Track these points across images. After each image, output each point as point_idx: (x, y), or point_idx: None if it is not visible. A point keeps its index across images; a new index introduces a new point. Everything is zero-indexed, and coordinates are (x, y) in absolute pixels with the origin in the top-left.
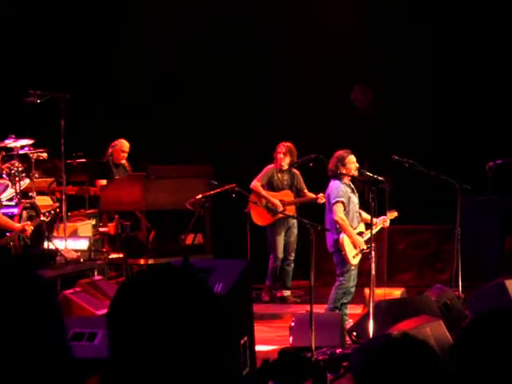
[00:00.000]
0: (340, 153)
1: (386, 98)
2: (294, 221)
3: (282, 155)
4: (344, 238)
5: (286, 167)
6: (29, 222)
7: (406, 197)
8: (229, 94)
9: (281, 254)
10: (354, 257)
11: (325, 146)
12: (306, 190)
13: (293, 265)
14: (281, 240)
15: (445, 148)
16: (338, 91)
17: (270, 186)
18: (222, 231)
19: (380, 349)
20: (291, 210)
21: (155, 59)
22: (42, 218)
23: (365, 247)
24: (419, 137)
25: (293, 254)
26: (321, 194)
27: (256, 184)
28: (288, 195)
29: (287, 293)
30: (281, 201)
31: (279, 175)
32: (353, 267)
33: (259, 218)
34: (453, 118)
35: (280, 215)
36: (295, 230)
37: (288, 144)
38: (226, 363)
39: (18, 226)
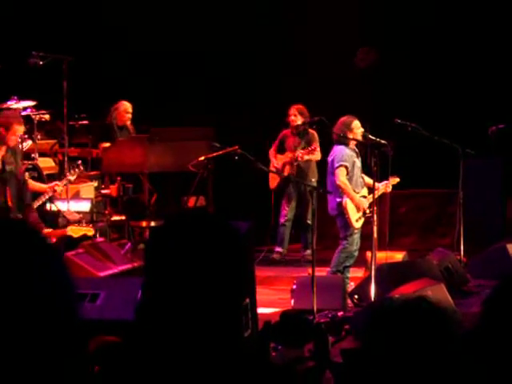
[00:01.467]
0: (345, 118)
1: (390, 61)
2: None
3: (293, 117)
4: (347, 201)
5: (299, 125)
6: (58, 182)
7: (408, 160)
8: (230, 59)
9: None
10: (356, 220)
11: (327, 109)
12: (315, 147)
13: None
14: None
15: (448, 112)
16: (340, 55)
17: (283, 149)
18: (224, 194)
19: (400, 312)
20: (288, 170)
21: (158, 21)
22: (69, 177)
23: (367, 207)
24: (423, 101)
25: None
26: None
27: (270, 151)
28: (288, 157)
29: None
30: (283, 163)
31: (292, 138)
32: (356, 231)
33: (271, 180)
34: (456, 82)
35: (285, 173)
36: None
37: (298, 106)
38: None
39: (46, 187)
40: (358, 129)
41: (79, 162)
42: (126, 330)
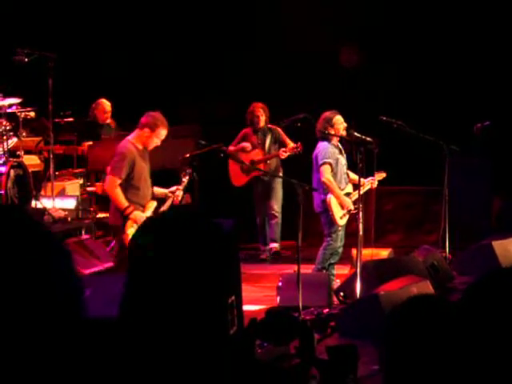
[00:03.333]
0: (327, 114)
1: (374, 59)
2: (276, 180)
3: (261, 116)
4: (331, 198)
5: (262, 125)
6: (179, 186)
7: (394, 158)
8: (215, 56)
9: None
10: (341, 217)
11: (312, 106)
12: (291, 145)
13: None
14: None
15: (434, 109)
16: (325, 52)
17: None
18: (209, 191)
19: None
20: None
21: (142, 17)
22: (184, 181)
23: (352, 208)
24: (408, 98)
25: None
26: (281, 149)
27: (229, 149)
28: (258, 154)
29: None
30: (251, 160)
31: (255, 136)
32: (340, 227)
33: (234, 178)
34: (442, 79)
35: (254, 174)
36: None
37: (261, 104)
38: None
39: (167, 192)
40: (339, 124)
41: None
42: (112, 328)
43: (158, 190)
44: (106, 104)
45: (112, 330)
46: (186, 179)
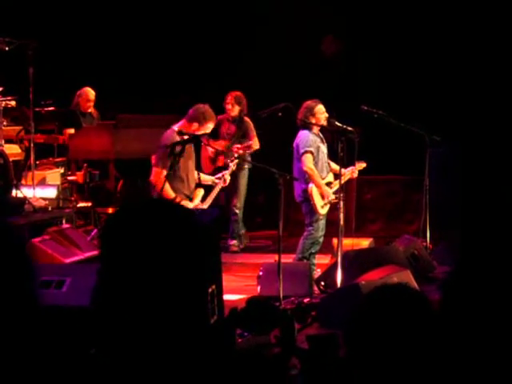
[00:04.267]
0: (309, 103)
1: (356, 48)
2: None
3: (230, 106)
4: (312, 187)
5: (234, 114)
6: (225, 172)
7: (374, 147)
8: (197, 45)
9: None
10: (322, 207)
11: (294, 96)
12: (252, 141)
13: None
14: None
15: (415, 98)
16: (306, 41)
17: (218, 136)
18: None
19: (376, 299)
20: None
21: (125, 5)
22: (231, 165)
23: (333, 197)
24: (390, 87)
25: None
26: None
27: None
28: (220, 145)
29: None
30: (217, 150)
31: (227, 125)
32: (321, 217)
33: (204, 165)
34: (423, 68)
35: (219, 164)
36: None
37: (236, 93)
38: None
39: (214, 178)
40: (321, 113)
41: (234, 149)
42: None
43: (205, 177)
44: (91, 93)
45: (89, 319)
46: (233, 164)
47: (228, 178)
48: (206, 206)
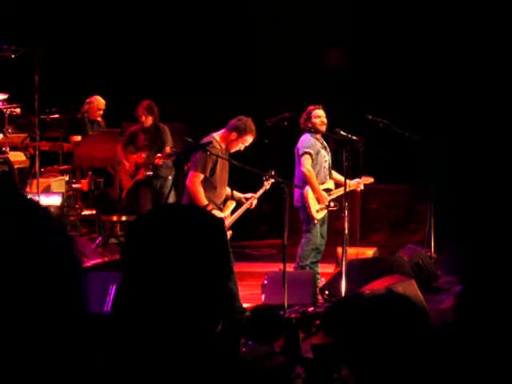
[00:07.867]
0: (310, 107)
1: (361, 57)
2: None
3: (143, 117)
4: (308, 190)
5: (148, 124)
6: (254, 195)
7: (379, 156)
8: (203, 54)
9: None
10: (317, 211)
11: (299, 104)
12: (168, 147)
13: None
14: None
15: (420, 107)
16: (311, 52)
17: (135, 147)
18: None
19: (367, 306)
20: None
21: (133, 14)
22: (266, 185)
23: (327, 203)
24: (395, 96)
25: None
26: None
27: (118, 148)
28: (140, 157)
29: None
30: (135, 163)
31: (143, 136)
32: (318, 223)
33: (124, 180)
34: (428, 77)
35: (139, 177)
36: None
37: (146, 103)
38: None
39: (242, 197)
40: (316, 117)
41: (272, 172)
42: (101, 324)
43: (236, 194)
44: (101, 101)
45: (104, 326)
46: (267, 183)
47: (254, 202)
48: (227, 222)
